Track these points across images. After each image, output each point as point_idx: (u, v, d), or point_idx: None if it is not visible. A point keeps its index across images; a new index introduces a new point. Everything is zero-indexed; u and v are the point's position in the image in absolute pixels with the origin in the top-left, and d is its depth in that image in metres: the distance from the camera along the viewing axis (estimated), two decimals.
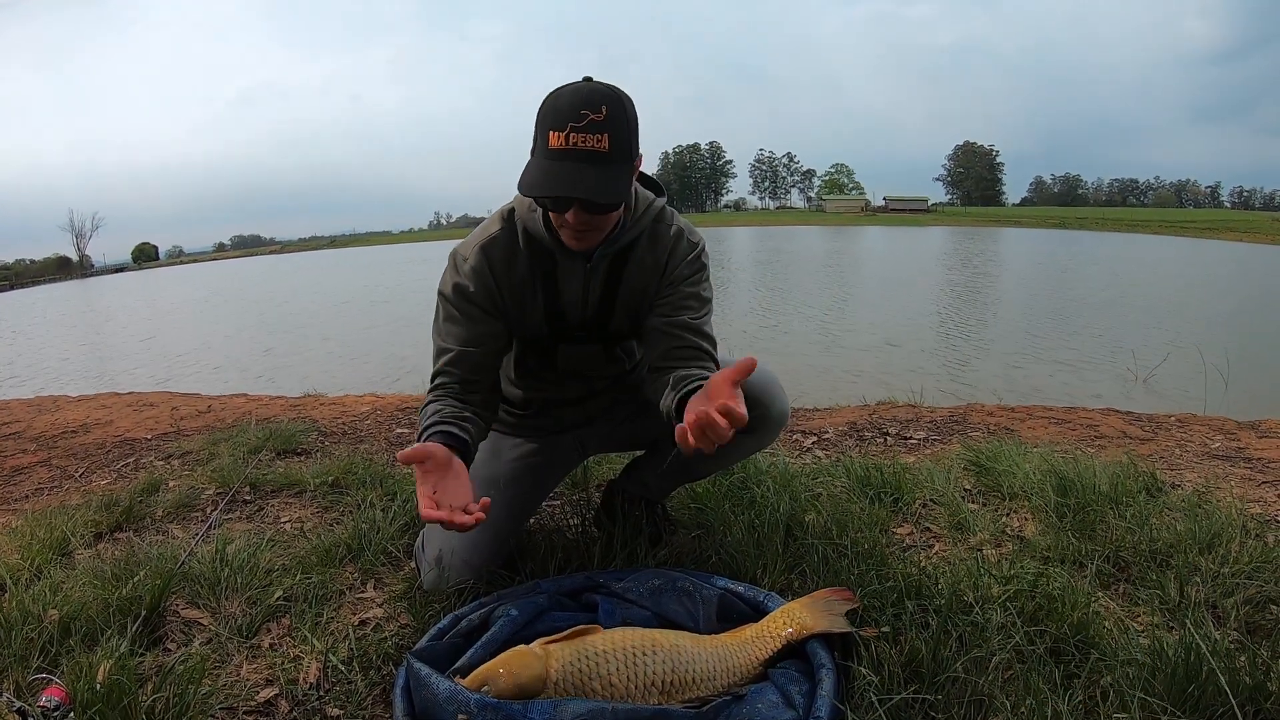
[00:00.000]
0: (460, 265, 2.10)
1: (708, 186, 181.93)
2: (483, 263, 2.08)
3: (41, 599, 2.16)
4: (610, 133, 1.79)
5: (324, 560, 2.48)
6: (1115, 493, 2.70)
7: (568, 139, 1.78)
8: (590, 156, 1.79)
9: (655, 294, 2.17)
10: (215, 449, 4.01)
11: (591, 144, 1.78)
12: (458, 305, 2.10)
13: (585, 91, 1.81)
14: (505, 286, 2.12)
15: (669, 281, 2.15)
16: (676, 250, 2.16)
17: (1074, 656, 1.80)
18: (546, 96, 1.85)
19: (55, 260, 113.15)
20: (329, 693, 1.85)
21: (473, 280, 2.08)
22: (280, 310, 25.38)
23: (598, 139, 1.79)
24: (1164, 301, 18.50)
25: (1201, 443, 3.79)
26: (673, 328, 2.10)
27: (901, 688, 1.66)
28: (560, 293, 2.15)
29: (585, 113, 1.77)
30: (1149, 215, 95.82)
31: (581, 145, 1.78)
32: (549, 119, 1.81)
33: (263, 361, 14.26)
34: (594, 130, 1.78)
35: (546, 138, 1.80)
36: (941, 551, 2.49)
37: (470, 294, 2.08)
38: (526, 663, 1.70)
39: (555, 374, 2.34)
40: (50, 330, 25.32)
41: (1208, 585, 2.12)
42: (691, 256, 2.17)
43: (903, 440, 3.90)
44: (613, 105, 1.81)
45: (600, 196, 1.82)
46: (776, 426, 2.23)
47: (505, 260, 2.10)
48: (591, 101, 1.79)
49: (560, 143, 1.78)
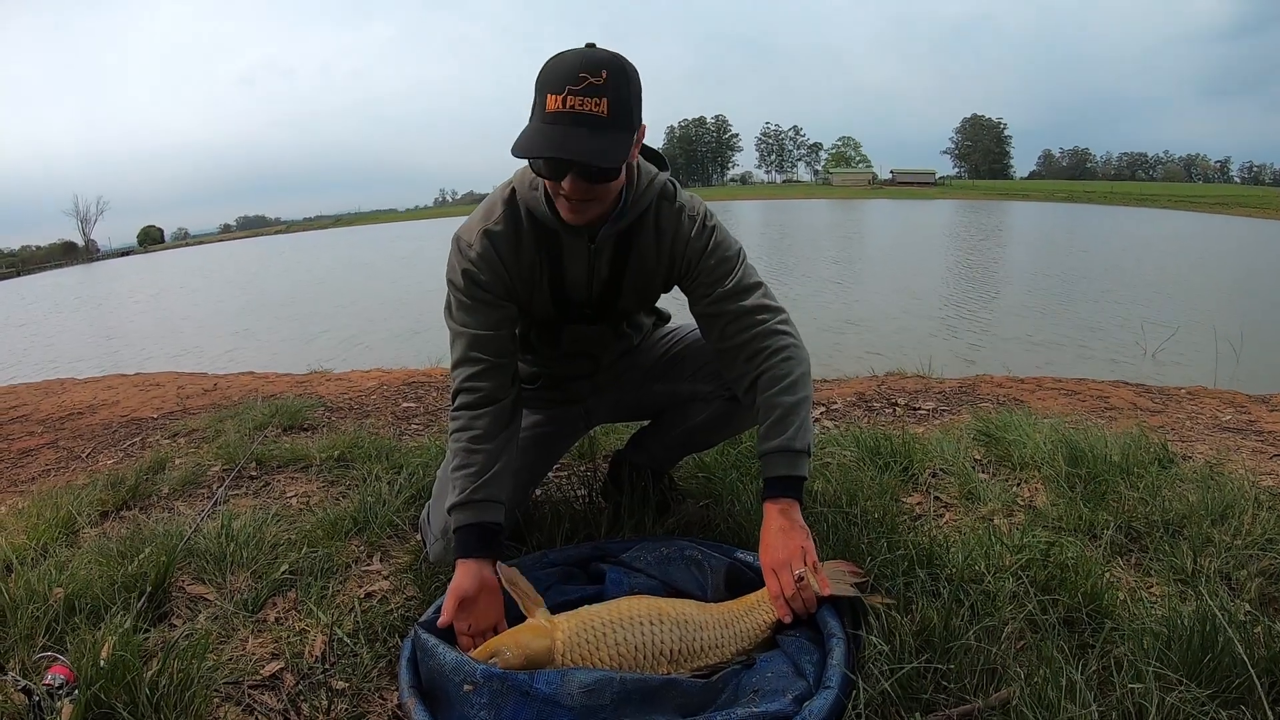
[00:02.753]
0: (466, 252, 2.04)
1: (713, 160, 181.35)
2: (489, 249, 2.03)
3: (47, 578, 2.15)
4: (610, 98, 1.73)
5: (330, 534, 2.48)
6: (1127, 463, 2.68)
7: (564, 101, 1.71)
8: (588, 120, 1.73)
9: (680, 279, 2.15)
10: (221, 426, 4.00)
11: (590, 107, 1.72)
12: (469, 293, 2.04)
13: (586, 55, 1.75)
14: (513, 271, 2.06)
15: (687, 263, 2.11)
16: (680, 232, 2.10)
17: (1087, 626, 1.79)
18: (547, 61, 1.79)
19: (60, 246, 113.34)
20: (334, 665, 1.85)
21: (481, 267, 2.03)
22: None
23: (595, 102, 1.72)
24: (1173, 276, 18.41)
25: (1212, 415, 3.77)
26: (717, 304, 2.10)
27: (913, 657, 1.64)
28: (565, 274, 2.11)
29: (584, 76, 1.71)
30: (1158, 190, 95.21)
31: (579, 108, 1.72)
32: (547, 82, 1.74)
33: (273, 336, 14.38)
34: (592, 94, 1.72)
35: (544, 100, 1.73)
36: (952, 521, 2.47)
37: (481, 281, 2.03)
38: (535, 634, 1.69)
39: (561, 351, 2.32)
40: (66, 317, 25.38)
41: (1221, 557, 2.10)
42: (701, 232, 2.11)
43: (912, 410, 3.88)
44: (613, 70, 1.74)
45: (597, 160, 1.76)
46: None
47: (510, 244, 2.05)
48: (591, 65, 1.73)
49: (557, 105, 1.72)
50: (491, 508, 1.97)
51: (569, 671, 1.57)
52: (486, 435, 2.02)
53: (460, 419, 2.05)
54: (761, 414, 2.05)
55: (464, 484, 1.97)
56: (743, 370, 2.10)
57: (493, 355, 2.06)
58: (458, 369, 2.09)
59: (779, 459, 1.98)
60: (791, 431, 1.99)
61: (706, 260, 2.09)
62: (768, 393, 2.03)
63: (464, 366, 2.07)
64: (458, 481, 1.98)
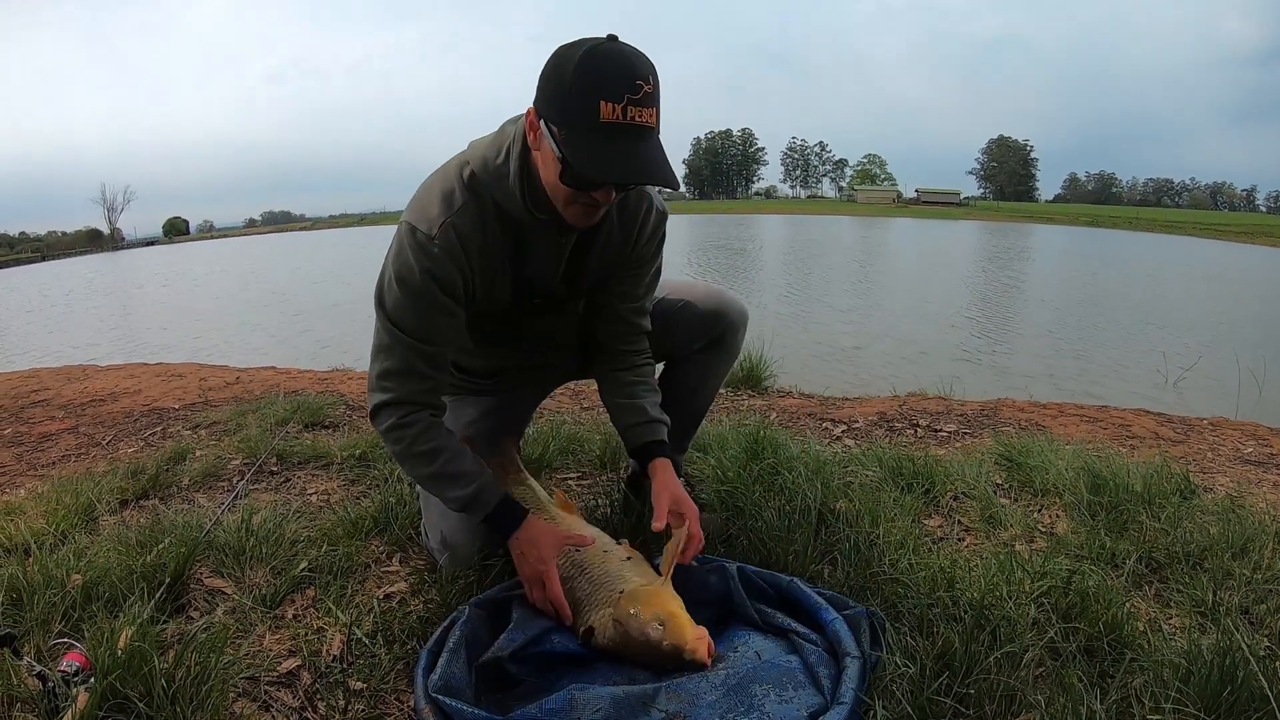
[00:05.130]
0: (427, 246, 1.83)
1: (739, 173, 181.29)
2: (453, 243, 1.85)
3: (65, 564, 2.16)
4: (657, 106, 1.66)
5: (350, 533, 2.48)
6: (1149, 493, 2.65)
7: (625, 112, 1.60)
8: (643, 133, 1.64)
9: (620, 266, 2.12)
10: (243, 420, 4.02)
11: (646, 118, 1.63)
12: (425, 296, 1.86)
13: (629, 55, 1.63)
14: (475, 264, 1.91)
15: (635, 259, 2.11)
16: (646, 224, 2.07)
17: (1107, 655, 1.78)
18: (577, 56, 1.62)
19: (86, 233, 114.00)
20: (352, 665, 1.85)
21: (444, 265, 1.85)
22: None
23: (650, 113, 1.63)
24: (1196, 304, 18.31)
25: (1234, 447, 3.74)
26: (628, 312, 2.20)
27: (932, 680, 1.63)
28: (528, 265, 1.99)
29: (640, 84, 1.60)
30: (1183, 217, 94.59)
31: (639, 120, 1.62)
32: (598, 87, 1.60)
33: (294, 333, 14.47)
34: (648, 104, 1.62)
35: (595, 109, 1.59)
36: (973, 545, 2.46)
37: (442, 281, 1.86)
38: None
39: (516, 339, 2.25)
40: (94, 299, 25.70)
41: (1241, 590, 2.09)
42: (658, 231, 2.12)
43: (933, 432, 3.86)
44: (654, 73, 1.65)
45: (671, 181, 1.68)
46: (740, 328, 2.45)
47: (475, 238, 1.88)
48: (641, 69, 1.62)
49: (615, 115, 1.60)
50: (488, 487, 1.99)
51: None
52: (434, 436, 2.00)
53: (400, 438, 1.97)
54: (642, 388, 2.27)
55: (452, 488, 1.99)
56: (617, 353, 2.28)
57: (433, 371, 1.96)
58: (388, 380, 1.95)
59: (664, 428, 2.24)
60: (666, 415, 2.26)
61: (648, 266, 2.15)
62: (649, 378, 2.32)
63: (398, 380, 1.94)
64: (444, 489, 2.00)
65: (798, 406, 4.38)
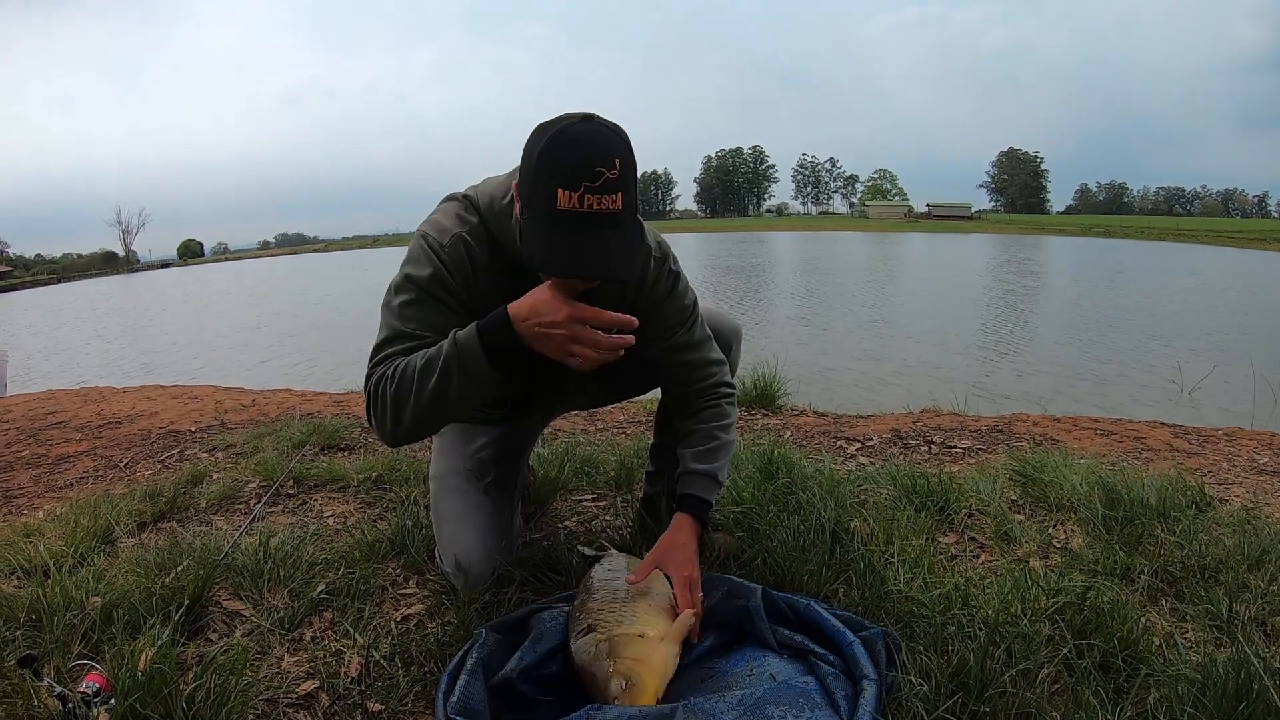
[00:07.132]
0: (439, 251, 1.86)
1: (750, 191, 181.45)
2: (462, 254, 1.87)
3: (84, 585, 2.17)
4: (624, 190, 1.60)
5: (367, 555, 2.49)
6: (1163, 506, 2.65)
7: (581, 200, 1.56)
8: (604, 220, 1.59)
9: (635, 314, 1.98)
10: (259, 442, 4.04)
11: (606, 205, 1.58)
12: (431, 290, 1.85)
13: (594, 139, 1.59)
14: (480, 282, 1.91)
15: (650, 304, 2.05)
16: (646, 273, 2.02)
17: (1123, 671, 1.78)
18: (544, 138, 1.61)
19: (101, 255, 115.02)
20: (370, 687, 1.86)
21: (452, 271, 1.86)
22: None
23: (612, 199, 1.58)
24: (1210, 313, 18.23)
25: (1249, 457, 3.72)
26: (674, 353, 2.17)
27: (947, 698, 1.63)
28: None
29: (600, 170, 1.56)
30: (1195, 225, 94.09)
31: (596, 208, 1.57)
32: (556, 173, 1.57)
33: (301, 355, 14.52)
34: (609, 190, 1.57)
35: (552, 196, 1.57)
36: (988, 561, 2.46)
37: (449, 284, 1.86)
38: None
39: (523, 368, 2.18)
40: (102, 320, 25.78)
41: (1257, 604, 2.08)
42: (664, 273, 2.06)
43: (947, 448, 3.85)
44: (624, 155, 1.61)
45: (627, 275, 1.70)
46: (734, 345, 2.46)
47: (481, 255, 1.90)
48: (604, 154, 1.57)
49: (572, 204, 1.56)
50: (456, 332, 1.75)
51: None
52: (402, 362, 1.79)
53: (380, 382, 1.79)
54: (695, 437, 2.20)
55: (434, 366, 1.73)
56: (687, 401, 2.24)
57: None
58: (380, 353, 1.84)
59: (704, 481, 2.14)
60: (719, 463, 2.17)
61: (667, 306, 2.09)
62: (708, 423, 2.20)
63: (396, 343, 1.84)
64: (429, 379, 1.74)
65: (812, 425, 4.38)
